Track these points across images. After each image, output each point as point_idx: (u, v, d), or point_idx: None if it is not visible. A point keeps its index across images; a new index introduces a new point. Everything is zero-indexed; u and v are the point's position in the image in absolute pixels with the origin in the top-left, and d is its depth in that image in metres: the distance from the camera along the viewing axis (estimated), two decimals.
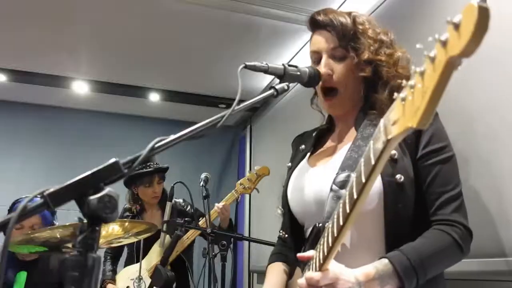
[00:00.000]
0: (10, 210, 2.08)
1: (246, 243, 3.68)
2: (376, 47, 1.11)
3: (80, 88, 3.38)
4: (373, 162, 0.72)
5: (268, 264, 1.36)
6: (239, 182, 2.87)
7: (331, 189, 1.06)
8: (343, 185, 1.03)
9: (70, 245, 1.53)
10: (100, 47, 2.89)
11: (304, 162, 1.26)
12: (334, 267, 0.91)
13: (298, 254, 1.00)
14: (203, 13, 2.45)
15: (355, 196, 0.77)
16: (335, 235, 0.85)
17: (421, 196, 1.04)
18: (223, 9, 2.41)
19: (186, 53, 2.94)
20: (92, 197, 0.64)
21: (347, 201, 0.81)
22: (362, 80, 1.13)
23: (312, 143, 1.29)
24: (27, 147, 3.64)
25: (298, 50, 2.80)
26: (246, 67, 0.99)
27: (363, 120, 1.12)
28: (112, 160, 0.68)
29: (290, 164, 1.34)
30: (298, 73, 1.07)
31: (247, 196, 3.82)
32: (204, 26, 2.60)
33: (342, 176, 1.04)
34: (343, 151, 1.13)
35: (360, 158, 0.93)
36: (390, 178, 1.01)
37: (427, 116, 0.58)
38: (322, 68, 1.12)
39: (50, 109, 3.75)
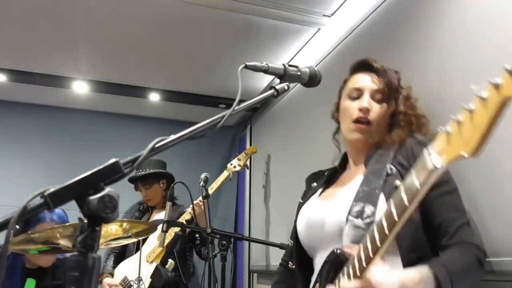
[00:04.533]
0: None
1: (246, 243, 3.68)
2: (408, 104, 1.30)
3: (80, 88, 3.37)
4: (418, 187, 0.79)
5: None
6: (230, 163, 3.05)
7: (347, 219, 1.13)
8: (358, 215, 1.12)
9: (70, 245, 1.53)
10: (100, 47, 2.89)
11: (315, 197, 1.36)
12: (375, 273, 0.92)
13: (345, 248, 1.03)
14: (203, 13, 2.44)
15: (396, 219, 0.85)
16: (371, 255, 0.92)
17: (426, 225, 1.13)
18: (223, 9, 2.40)
19: (186, 53, 2.94)
20: (92, 197, 0.64)
21: (385, 225, 0.88)
22: (387, 127, 1.30)
23: (324, 180, 1.40)
24: (27, 147, 3.64)
25: (298, 50, 2.80)
26: (246, 67, 0.99)
27: (372, 158, 1.25)
28: (112, 160, 0.68)
29: (301, 200, 1.42)
30: (299, 73, 1.07)
31: (247, 196, 3.82)
32: (204, 26, 2.60)
33: (357, 207, 1.13)
34: (354, 184, 1.23)
35: (373, 191, 1.13)
36: None
37: (480, 146, 0.67)
38: (364, 103, 1.27)
39: (50, 109, 3.74)
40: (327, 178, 1.40)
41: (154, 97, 3.56)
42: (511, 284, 1.30)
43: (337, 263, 1.11)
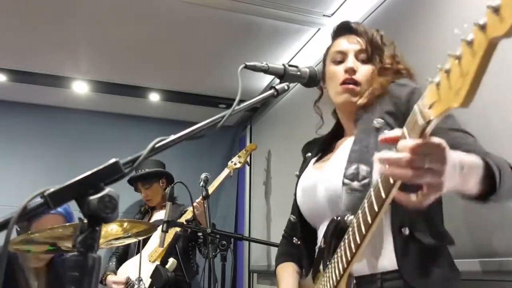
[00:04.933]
0: None
1: (246, 243, 3.68)
2: (394, 59, 1.26)
3: (80, 88, 3.37)
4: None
5: (277, 264, 1.40)
6: (230, 160, 3.06)
7: (344, 183, 1.10)
8: (354, 177, 1.08)
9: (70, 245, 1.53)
10: (100, 47, 2.89)
11: (310, 167, 1.32)
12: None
13: (385, 136, 0.86)
14: (203, 13, 2.44)
15: (391, 181, 0.81)
16: (370, 222, 0.89)
17: None
18: (223, 9, 2.40)
19: (186, 53, 2.94)
20: (92, 197, 0.64)
21: (381, 188, 0.84)
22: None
23: (318, 149, 1.36)
24: (27, 147, 3.64)
25: (298, 50, 2.80)
26: (246, 67, 0.99)
27: (362, 118, 1.20)
28: (112, 160, 0.68)
29: (297, 173, 1.38)
30: (298, 73, 1.07)
31: (247, 196, 3.82)
32: (204, 26, 2.60)
33: (351, 169, 1.10)
34: (345, 147, 1.19)
35: (365, 149, 1.05)
36: None
37: (470, 96, 0.61)
38: (349, 63, 1.24)
39: (50, 109, 3.74)
40: (321, 147, 1.36)
41: (154, 97, 3.56)
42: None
43: (338, 231, 1.08)
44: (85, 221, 0.65)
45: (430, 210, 0.98)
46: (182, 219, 2.58)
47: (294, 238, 1.36)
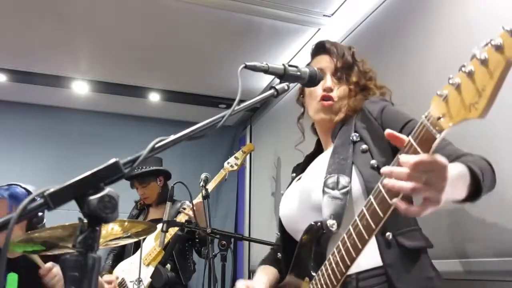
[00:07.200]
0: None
1: (246, 243, 3.68)
2: (364, 76, 1.37)
3: (80, 88, 3.37)
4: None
5: (258, 266, 1.46)
6: (227, 161, 3.02)
7: (324, 192, 1.16)
8: (334, 186, 1.15)
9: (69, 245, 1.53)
10: (100, 47, 2.89)
11: (293, 183, 1.41)
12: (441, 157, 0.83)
13: (390, 132, 0.92)
14: (203, 13, 2.44)
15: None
16: (374, 227, 0.91)
17: None
18: (223, 9, 2.40)
19: (186, 53, 2.94)
20: (92, 197, 0.64)
21: (386, 195, 0.88)
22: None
23: (301, 167, 1.44)
24: (27, 147, 3.64)
25: (298, 50, 2.80)
26: (246, 67, 0.99)
27: (338, 133, 1.30)
28: (112, 160, 0.68)
29: (282, 191, 1.46)
30: (298, 73, 1.07)
31: (247, 195, 3.82)
32: (204, 26, 2.60)
33: (331, 179, 1.16)
34: (323, 159, 1.29)
35: (344, 161, 1.15)
36: (366, 167, 1.15)
37: (488, 109, 0.68)
38: (328, 83, 1.33)
39: (50, 109, 3.74)
40: (303, 165, 1.44)
41: (154, 97, 3.56)
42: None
43: (318, 235, 1.14)
44: (85, 221, 0.65)
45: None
46: (178, 219, 2.57)
47: (278, 253, 1.41)
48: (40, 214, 1.94)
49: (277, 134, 3.33)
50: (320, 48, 1.44)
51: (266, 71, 1.03)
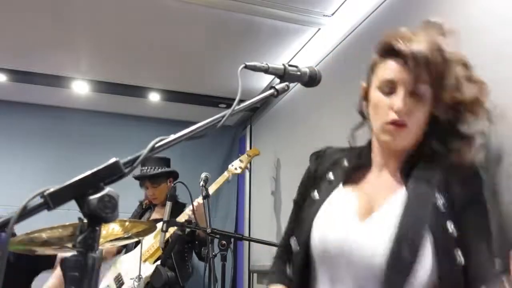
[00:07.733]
0: None
1: (246, 243, 3.68)
2: (460, 88, 1.06)
3: (80, 88, 3.37)
4: None
5: (270, 282, 1.24)
6: (231, 164, 3.02)
7: (386, 264, 0.96)
8: (395, 262, 0.96)
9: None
10: (100, 47, 2.89)
11: (339, 195, 1.16)
12: None
13: None
14: (203, 13, 2.44)
15: None
16: None
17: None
18: (223, 9, 2.40)
19: (186, 53, 2.94)
20: (92, 197, 0.64)
21: None
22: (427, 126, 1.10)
23: (344, 175, 1.19)
24: (27, 147, 3.64)
25: (298, 50, 2.80)
26: (246, 67, 0.98)
27: (410, 172, 1.08)
28: (112, 160, 0.68)
29: (317, 195, 1.20)
30: (299, 73, 1.07)
31: (247, 195, 3.82)
32: (204, 26, 2.60)
33: (395, 249, 0.96)
34: (391, 206, 1.06)
35: (418, 231, 0.96)
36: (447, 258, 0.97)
37: None
38: (400, 104, 1.05)
39: (50, 109, 3.74)
40: (349, 174, 1.18)
41: (154, 97, 3.56)
42: None
43: None
44: (85, 221, 0.65)
45: None
46: (178, 219, 2.58)
47: (288, 269, 1.19)
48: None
49: (277, 134, 3.33)
50: (390, 51, 1.11)
51: (266, 71, 1.02)
